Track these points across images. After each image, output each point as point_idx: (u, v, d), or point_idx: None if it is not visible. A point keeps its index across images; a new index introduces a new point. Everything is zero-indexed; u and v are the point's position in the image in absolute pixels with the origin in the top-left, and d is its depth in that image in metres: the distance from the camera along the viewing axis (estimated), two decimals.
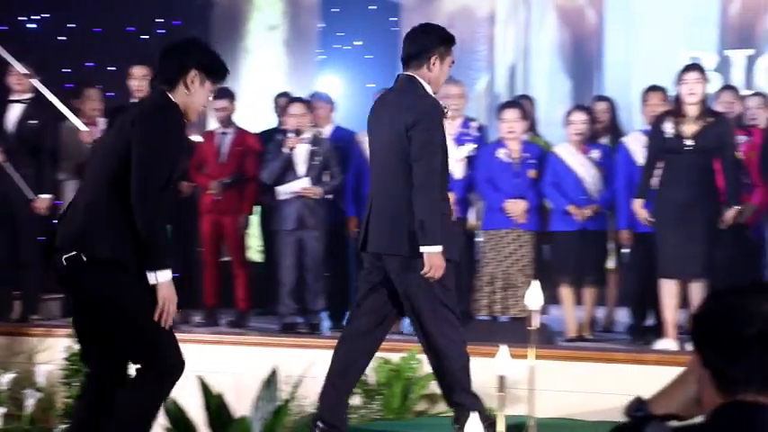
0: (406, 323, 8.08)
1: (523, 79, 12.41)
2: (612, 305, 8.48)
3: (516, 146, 7.75)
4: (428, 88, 5.21)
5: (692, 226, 6.80)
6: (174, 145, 4.45)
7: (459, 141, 7.91)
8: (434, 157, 5.09)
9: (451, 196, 7.79)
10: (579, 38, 12.22)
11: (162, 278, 4.31)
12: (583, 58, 12.19)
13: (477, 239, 8.05)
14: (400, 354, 6.55)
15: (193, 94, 4.52)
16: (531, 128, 8.54)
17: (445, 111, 5.31)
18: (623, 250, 7.92)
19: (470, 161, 7.88)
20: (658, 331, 7.21)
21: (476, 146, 7.89)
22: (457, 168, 7.79)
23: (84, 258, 4.32)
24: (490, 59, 12.65)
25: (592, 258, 7.72)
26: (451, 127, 7.87)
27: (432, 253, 5.04)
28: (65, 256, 4.36)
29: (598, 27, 12.07)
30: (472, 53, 12.90)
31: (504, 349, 4.43)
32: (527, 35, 12.43)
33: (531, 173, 7.72)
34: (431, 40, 5.21)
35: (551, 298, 7.78)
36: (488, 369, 4.69)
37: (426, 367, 6.54)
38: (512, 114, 7.76)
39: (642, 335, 7.60)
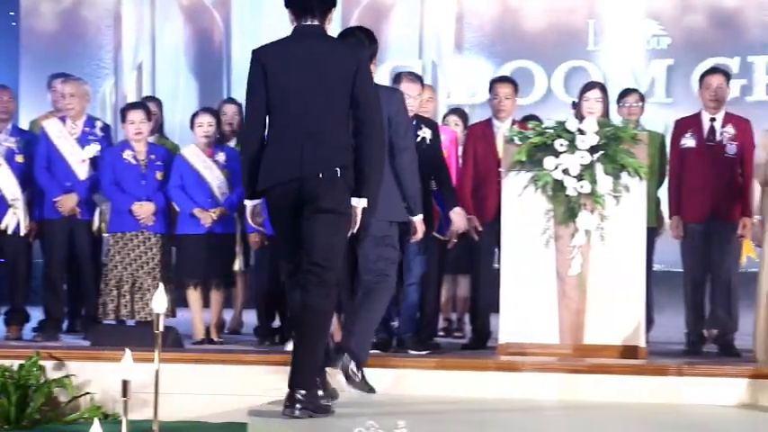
0: (28, 329, 7.80)
1: (151, 79, 12.27)
2: (240, 307, 8.57)
3: (143, 147, 7.68)
4: None
5: None
6: None
7: (84, 141, 7.76)
8: None
9: (75, 197, 7.65)
10: (206, 38, 12.25)
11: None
12: (210, 58, 12.22)
13: (103, 242, 7.88)
14: (20, 361, 6.31)
15: None
16: (159, 129, 8.48)
17: None
18: (251, 252, 8.00)
19: (95, 162, 7.73)
20: (287, 332, 7.35)
21: (100, 147, 7.76)
22: (81, 169, 7.69)
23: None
24: (117, 58, 12.43)
25: (219, 261, 7.75)
26: (75, 127, 7.71)
27: None
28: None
29: (225, 27, 12.15)
30: (98, 51, 12.63)
31: (128, 353, 4.36)
32: (153, 34, 12.31)
33: (158, 175, 7.66)
34: None
35: (180, 300, 7.76)
36: (114, 373, 4.60)
37: (49, 374, 6.35)
38: (138, 115, 7.68)
39: (270, 336, 7.72)
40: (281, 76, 5.26)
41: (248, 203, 5.37)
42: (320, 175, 5.16)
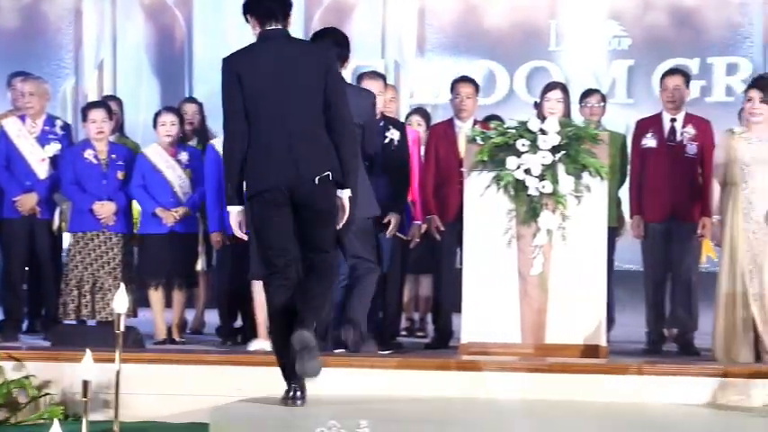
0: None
1: (112, 78, 12.21)
2: (202, 307, 8.54)
3: (104, 147, 7.64)
4: None
5: None
6: None
7: (44, 140, 7.72)
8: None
9: (35, 197, 7.61)
10: (168, 37, 12.20)
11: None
12: (172, 57, 12.17)
13: (64, 241, 7.84)
14: None
15: None
16: (120, 129, 8.44)
17: None
18: (214, 252, 7.97)
19: (55, 161, 7.69)
20: (250, 332, 7.34)
21: (60, 145, 7.72)
22: (40, 168, 7.67)
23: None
24: (77, 57, 12.35)
25: (181, 261, 7.72)
26: (35, 126, 7.67)
27: None
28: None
29: (187, 26, 12.10)
30: (58, 50, 12.54)
31: (88, 354, 4.34)
32: (114, 33, 12.24)
33: (120, 174, 7.62)
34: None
35: (142, 300, 7.73)
36: (75, 374, 4.57)
37: (9, 374, 6.29)
38: (99, 114, 7.65)
39: (232, 336, 7.71)
40: (257, 81, 5.31)
41: (233, 210, 5.40)
42: (315, 181, 5.27)
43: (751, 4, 11.64)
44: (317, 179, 5.28)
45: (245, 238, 5.55)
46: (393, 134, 7.10)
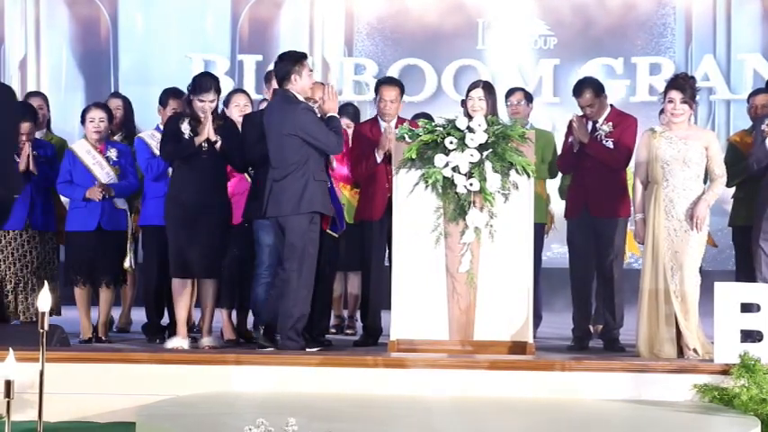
0: None
1: (36, 75, 12.04)
2: (129, 305, 8.46)
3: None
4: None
5: (200, 227, 6.98)
6: None
7: None
8: None
9: None
10: (92, 32, 12.06)
11: None
12: (97, 53, 12.03)
13: None
14: None
15: None
16: (47, 125, 8.32)
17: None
18: (140, 249, 7.90)
19: None
20: (174, 330, 7.30)
21: None
22: None
23: None
24: (0, 53, 12.15)
25: (109, 258, 7.64)
26: None
27: None
28: None
29: (112, 22, 11.97)
30: None
31: (11, 353, 4.28)
32: (37, 28, 12.07)
33: (43, 171, 7.53)
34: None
35: (68, 299, 7.64)
36: None
37: None
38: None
39: (159, 333, 7.65)
40: None
41: None
42: None
43: (673, 5, 11.82)
44: None
45: None
46: None
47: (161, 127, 7.63)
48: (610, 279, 7.47)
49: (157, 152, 7.43)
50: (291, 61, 6.89)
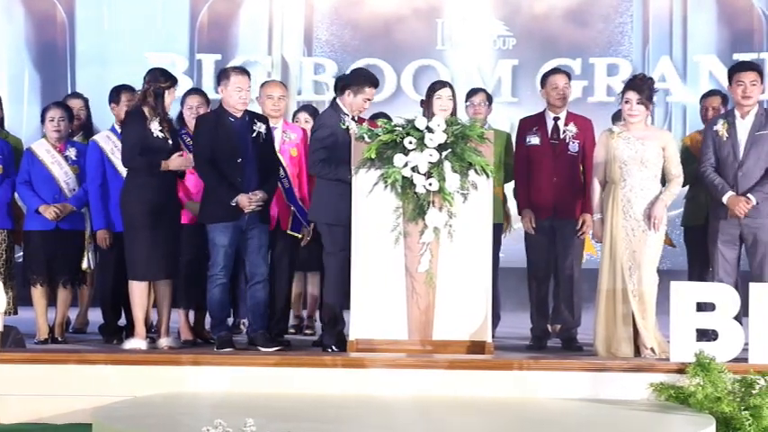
0: None
1: None
2: (87, 305, 8.39)
3: None
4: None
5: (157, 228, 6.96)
6: None
7: None
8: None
9: None
10: (49, 31, 11.95)
11: None
12: (54, 52, 11.92)
13: None
14: None
15: None
16: (0, 124, 8.25)
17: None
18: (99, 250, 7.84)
19: None
20: (131, 331, 7.26)
21: None
22: None
23: None
24: None
25: (67, 258, 7.59)
26: None
27: None
28: None
29: (69, 20, 11.87)
30: None
31: None
32: None
33: None
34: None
35: (24, 299, 7.57)
36: None
37: None
38: None
39: (116, 334, 7.60)
40: None
41: None
42: None
43: (631, 6, 11.89)
44: None
45: None
46: (260, 127, 7.13)
47: (116, 128, 7.57)
48: (568, 279, 7.51)
49: (111, 156, 7.39)
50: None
